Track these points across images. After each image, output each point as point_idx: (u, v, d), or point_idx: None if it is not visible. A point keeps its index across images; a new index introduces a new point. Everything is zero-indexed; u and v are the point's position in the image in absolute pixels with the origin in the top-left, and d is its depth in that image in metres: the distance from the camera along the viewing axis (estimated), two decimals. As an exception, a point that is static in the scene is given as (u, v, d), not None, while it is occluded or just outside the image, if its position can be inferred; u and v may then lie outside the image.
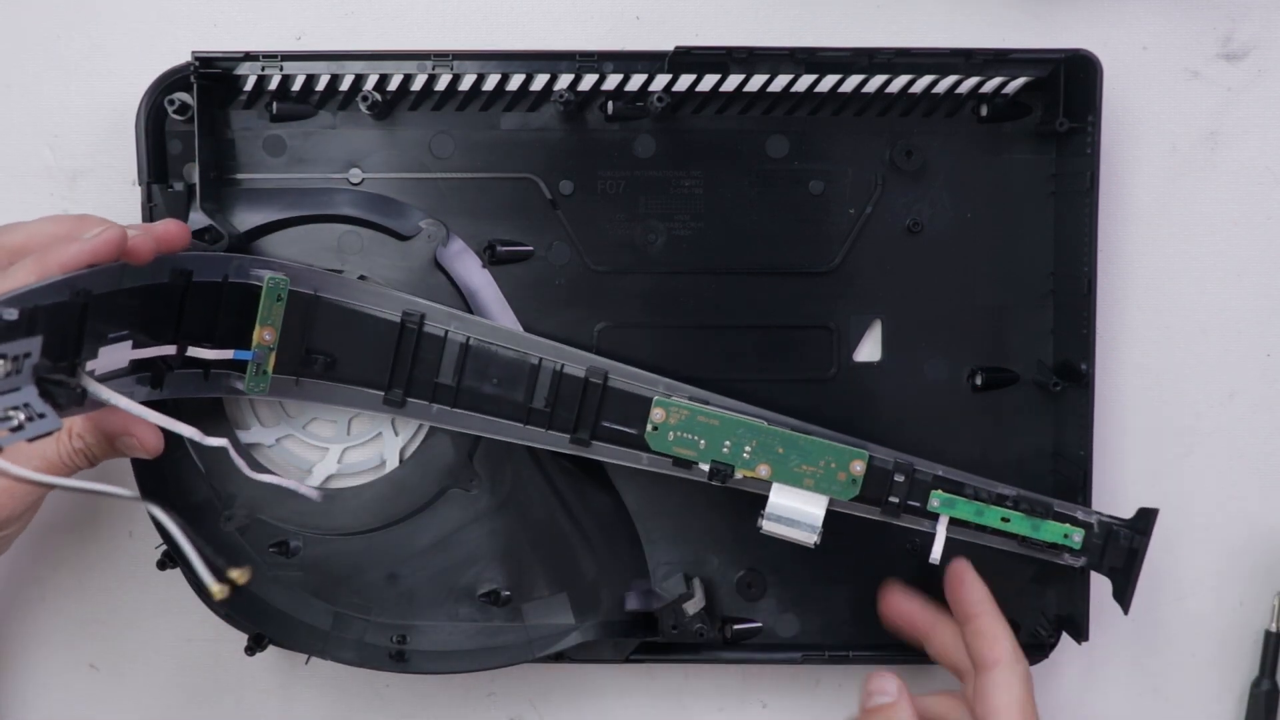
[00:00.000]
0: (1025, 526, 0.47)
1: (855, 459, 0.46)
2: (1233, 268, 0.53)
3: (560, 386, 0.47)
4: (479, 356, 0.47)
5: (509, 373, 0.47)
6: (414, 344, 0.47)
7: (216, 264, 0.45)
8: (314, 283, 0.46)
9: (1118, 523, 0.47)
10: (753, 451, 0.46)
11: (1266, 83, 0.53)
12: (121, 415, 0.39)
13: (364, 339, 0.47)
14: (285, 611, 0.51)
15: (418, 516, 0.51)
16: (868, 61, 0.48)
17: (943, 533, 0.46)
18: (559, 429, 0.47)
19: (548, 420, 0.47)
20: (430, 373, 0.47)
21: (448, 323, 0.47)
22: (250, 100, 0.49)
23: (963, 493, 0.46)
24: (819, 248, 0.50)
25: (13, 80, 0.52)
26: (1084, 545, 0.47)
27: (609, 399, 0.47)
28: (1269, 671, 0.54)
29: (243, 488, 0.50)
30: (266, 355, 0.46)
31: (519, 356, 0.47)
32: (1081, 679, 0.55)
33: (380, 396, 0.47)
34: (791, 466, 0.46)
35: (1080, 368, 0.49)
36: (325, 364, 0.47)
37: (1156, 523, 0.47)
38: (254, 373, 0.46)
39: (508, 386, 0.47)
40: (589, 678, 0.55)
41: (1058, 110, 0.49)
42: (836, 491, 0.46)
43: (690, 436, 0.46)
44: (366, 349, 0.47)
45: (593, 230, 0.50)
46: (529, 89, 0.49)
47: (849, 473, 0.46)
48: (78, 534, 0.53)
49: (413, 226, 0.49)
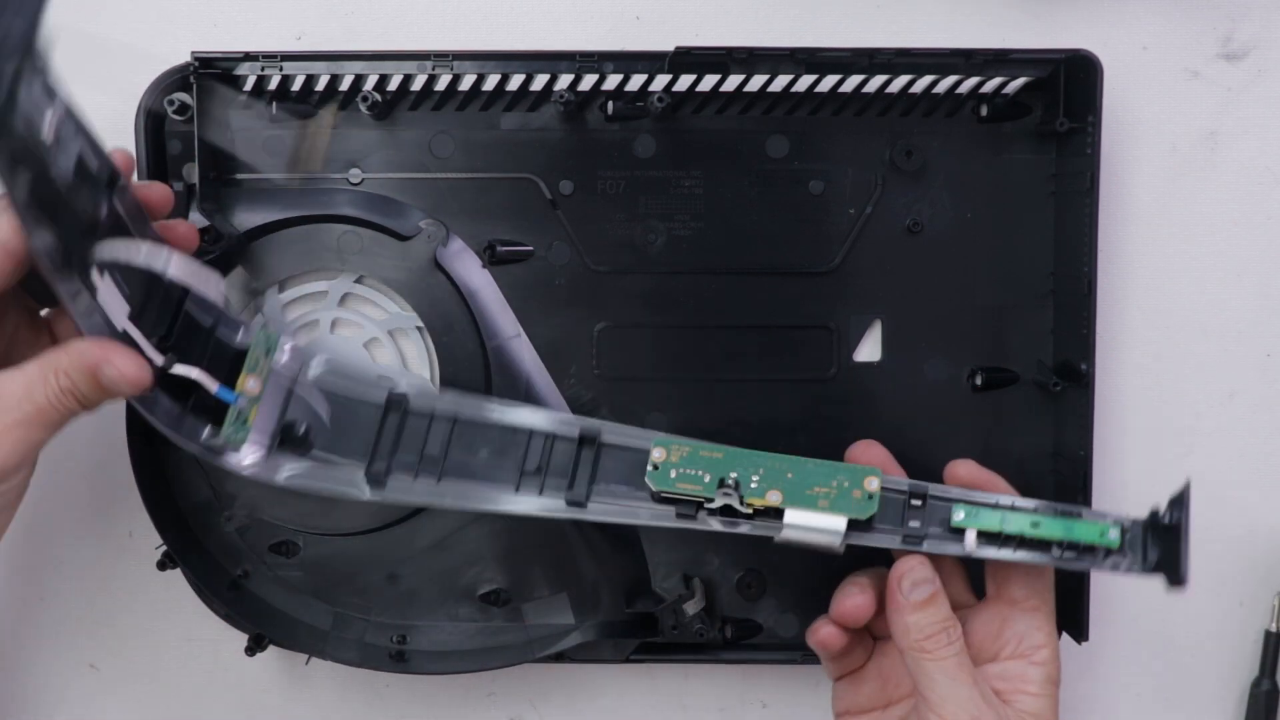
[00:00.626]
0: (1057, 529, 0.43)
1: (869, 475, 0.43)
2: (1233, 268, 0.53)
3: (553, 450, 0.45)
4: (468, 430, 0.45)
5: (499, 444, 0.45)
6: (398, 425, 0.45)
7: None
8: (299, 360, 0.45)
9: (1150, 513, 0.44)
10: (760, 480, 0.43)
11: (1266, 83, 0.53)
12: (100, 344, 0.39)
13: (346, 416, 0.45)
14: (285, 612, 0.51)
15: (418, 517, 0.51)
16: (868, 62, 0.48)
17: (973, 542, 0.43)
18: (551, 493, 0.45)
19: (539, 487, 0.45)
20: (416, 449, 0.45)
21: (434, 403, 0.45)
22: (250, 100, 0.49)
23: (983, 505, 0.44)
24: (819, 248, 0.50)
25: (12, 80, 0.52)
26: (1122, 541, 0.43)
27: (605, 456, 0.45)
28: (1269, 671, 0.54)
29: (243, 487, 0.50)
30: (249, 406, 0.43)
31: (508, 428, 0.45)
32: (1081, 679, 0.55)
33: (362, 470, 0.45)
34: (804, 490, 0.43)
35: (1080, 368, 0.49)
36: (303, 439, 0.45)
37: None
38: (234, 418, 0.43)
39: (498, 456, 0.45)
40: (589, 678, 0.55)
41: (1058, 110, 0.49)
42: (854, 510, 0.43)
43: (694, 472, 0.43)
44: (349, 424, 0.45)
45: (593, 230, 0.50)
46: (529, 89, 0.49)
47: (864, 489, 0.43)
48: (78, 534, 0.53)
49: (413, 226, 0.49)
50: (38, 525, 0.53)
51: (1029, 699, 0.44)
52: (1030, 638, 0.45)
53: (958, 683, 0.43)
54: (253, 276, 0.49)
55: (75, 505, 0.53)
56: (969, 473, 0.46)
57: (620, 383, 0.51)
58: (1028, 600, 0.45)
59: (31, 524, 0.53)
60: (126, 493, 0.50)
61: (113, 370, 0.39)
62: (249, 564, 0.51)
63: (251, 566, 0.51)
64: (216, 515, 0.50)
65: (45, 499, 0.53)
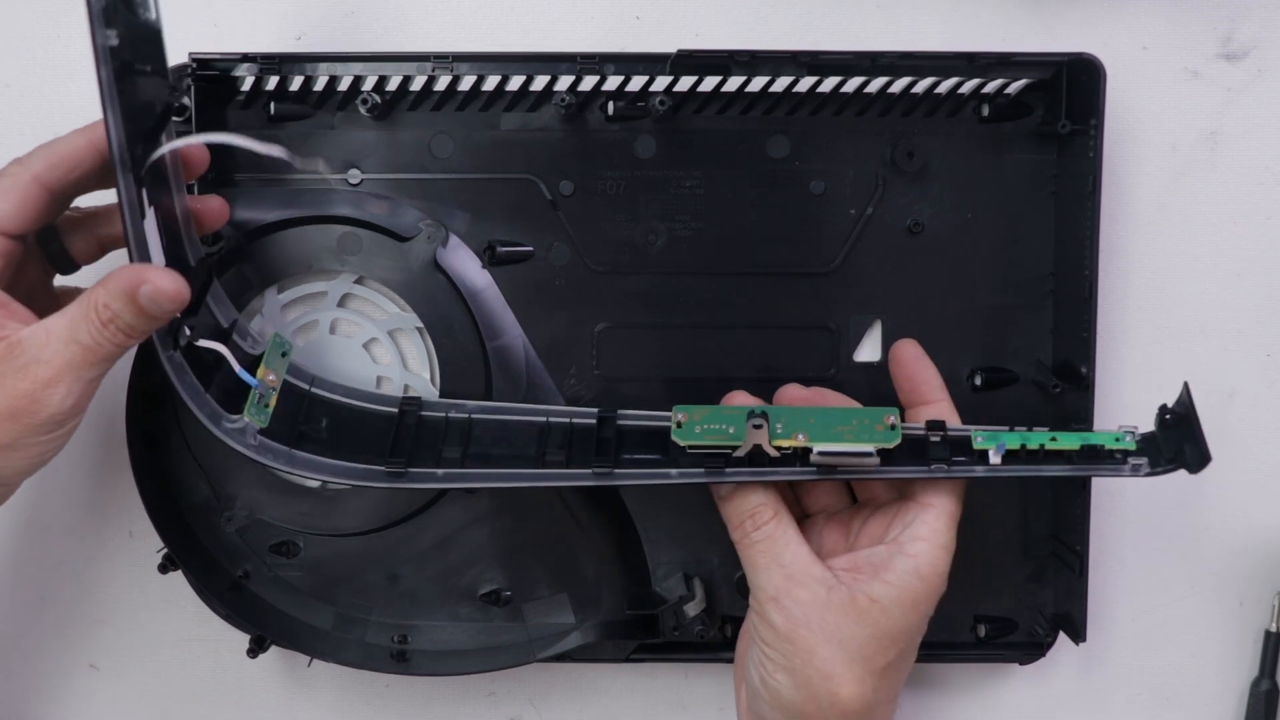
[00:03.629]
0: (1074, 440, 0.44)
1: (887, 413, 0.44)
2: (1233, 268, 0.53)
3: (573, 438, 0.46)
4: (484, 430, 0.47)
5: (517, 439, 0.46)
6: (413, 430, 0.46)
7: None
8: (307, 377, 0.47)
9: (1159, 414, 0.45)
10: (784, 427, 0.44)
11: (1266, 83, 0.53)
12: (135, 267, 0.39)
13: (362, 426, 0.47)
14: (286, 612, 0.51)
15: (419, 517, 0.51)
16: (870, 64, 0.48)
17: (997, 459, 0.44)
18: (578, 467, 0.45)
19: (564, 464, 0.45)
20: (433, 451, 0.46)
21: (448, 410, 0.47)
22: (248, 101, 0.49)
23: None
24: (819, 248, 0.50)
25: (13, 80, 0.52)
26: (1139, 444, 0.44)
27: (626, 436, 0.46)
28: (1269, 671, 0.54)
29: (243, 488, 0.50)
30: (269, 393, 0.45)
31: (525, 424, 0.47)
32: (1080, 679, 0.55)
33: (382, 470, 0.45)
34: (828, 430, 0.44)
35: (1080, 369, 0.49)
36: (321, 443, 0.46)
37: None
38: (255, 401, 0.45)
39: (520, 447, 0.46)
40: (589, 678, 0.55)
41: (1059, 111, 0.49)
42: (879, 440, 0.43)
43: (718, 426, 0.44)
44: (365, 434, 0.47)
45: (593, 230, 0.50)
46: (529, 90, 0.49)
47: (884, 424, 0.44)
48: (78, 534, 0.53)
49: (412, 227, 0.49)
50: (38, 525, 0.53)
51: (880, 586, 0.43)
52: (914, 530, 0.44)
53: (758, 567, 0.44)
54: (256, 274, 0.49)
55: (75, 505, 0.53)
56: (908, 353, 0.47)
57: (620, 383, 0.51)
58: (924, 496, 0.45)
59: (31, 524, 0.53)
60: (126, 493, 0.50)
61: (151, 289, 0.39)
62: (249, 565, 0.51)
63: (252, 567, 0.51)
64: (216, 516, 0.50)
65: (45, 499, 0.53)
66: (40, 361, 0.39)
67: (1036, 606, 0.52)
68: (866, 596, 0.43)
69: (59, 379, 0.39)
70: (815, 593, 0.43)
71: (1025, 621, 0.52)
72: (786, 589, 0.43)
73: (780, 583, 0.43)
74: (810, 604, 0.43)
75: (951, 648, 0.52)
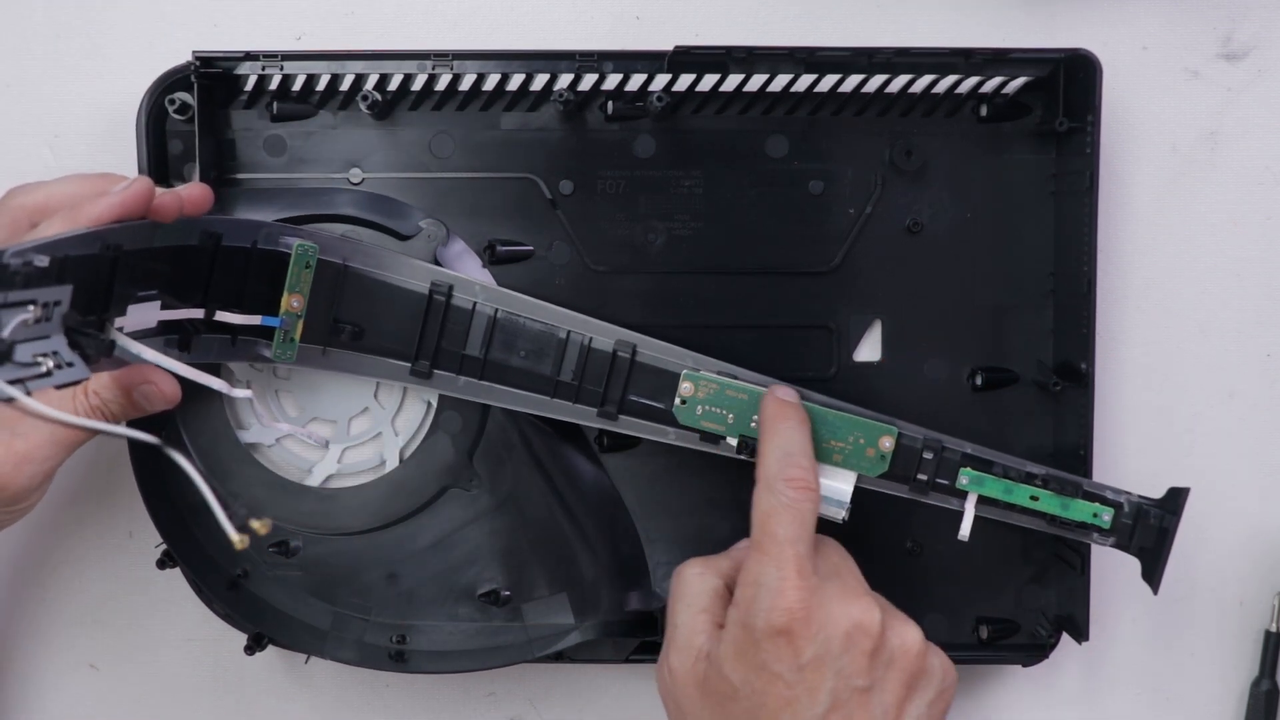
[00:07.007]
0: (1054, 505, 0.46)
1: (884, 435, 0.46)
2: (1233, 268, 0.53)
3: (588, 360, 0.47)
4: (506, 329, 0.47)
5: (536, 345, 0.47)
6: (441, 315, 0.47)
7: (245, 229, 0.45)
8: (343, 252, 0.47)
9: (1148, 502, 0.47)
10: None
11: (1266, 83, 0.53)
12: (141, 366, 0.39)
13: (392, 310, 0.47)
14: (285, 611, 0.51)
15: (417, 516, 0.51)
16: (868, 61, 0.48)
17: (971, 510, 0.46)
18: (586, 403, 0.47)
19: (575, 394, 0.47)
20: (457, 344, 0.47)
21: (476, 295, 0.47)
22: (251, 100, 0.49)
23: (991, 471, 0.46)
24: (819, 248, 0.50)
25: (13, 80, 0.52)
26: (1113, 525, 0.47)
27: (637, 373, 0.47)
28: (1269, 671, 0.54)
29: (243, 488, 0.50)
30: (294, 323, 0.46)
31: (546, 329, 0.47)
32: (1082, 679, 0.55)
33: (407, 368, 0.47)
34: (820, 442, 0.46)
35: (1080, 368, 0.49)
36: (353, 334, 0.47)
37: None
38: (281, 339, 0.46)
39: (535, 359, 0.47)
40: (589, 678, 0.55)
41: (1057, 110, 0.49)
42: (865, 468, 0.46)
43: (718, 411, 0.46)
44: (394, 320, 0.47)
45: (593, 230, 0.50)
46: (529, 89, 0.49)
47: (878, 449, 0.46)
48: (78, 534, 0.53)
49: (413, 226, 0.49)
50: (38, 525, 0.53)
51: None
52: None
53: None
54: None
55: (75, 505, 0.53)
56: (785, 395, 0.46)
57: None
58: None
59: (31, 524, 0.53)
60: (126, 493, 0.50)
61: (152, 389, 0.39)
62: (248, 564, 0.51)
63: (251, 566, 0.51)
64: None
65: (45, 499, 0.53)
66: (18, 435, 0.39)
67: (1039, 607, 0.52)
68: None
69: (32, 456, 0.39)
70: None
71: (1027, 623, 0.52)
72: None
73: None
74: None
75: (954, 649, 0.52)
